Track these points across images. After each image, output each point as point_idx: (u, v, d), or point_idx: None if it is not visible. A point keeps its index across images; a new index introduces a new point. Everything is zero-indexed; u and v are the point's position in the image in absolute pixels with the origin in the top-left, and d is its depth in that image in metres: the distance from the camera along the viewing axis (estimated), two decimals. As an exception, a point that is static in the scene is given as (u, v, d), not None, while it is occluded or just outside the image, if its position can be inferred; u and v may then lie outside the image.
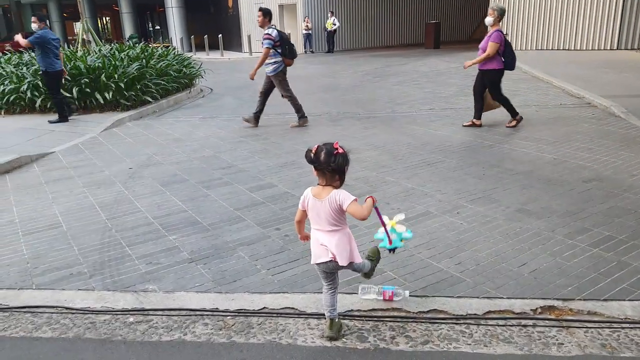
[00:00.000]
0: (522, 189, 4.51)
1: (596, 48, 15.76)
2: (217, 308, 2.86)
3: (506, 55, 6.60)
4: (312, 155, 2.34)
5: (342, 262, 2.43)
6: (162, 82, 10.25)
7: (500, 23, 6.70)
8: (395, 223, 2.78)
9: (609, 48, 15.55)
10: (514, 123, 6.82)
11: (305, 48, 23.42)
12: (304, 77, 13.92)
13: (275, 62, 7.34)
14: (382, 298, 2.85)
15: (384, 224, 2.70)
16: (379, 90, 10.84)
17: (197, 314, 2.81)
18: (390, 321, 2.70)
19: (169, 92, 10.65)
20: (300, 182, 4.95)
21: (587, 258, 3.25)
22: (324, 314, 2.69)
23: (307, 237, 2.66)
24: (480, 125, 6.95)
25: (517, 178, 4.81)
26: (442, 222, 3.89)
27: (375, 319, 2.71)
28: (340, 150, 2.32)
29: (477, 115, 7.00)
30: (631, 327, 2.55)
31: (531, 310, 2.74)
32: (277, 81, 7.47)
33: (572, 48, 16.22)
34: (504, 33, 6.70)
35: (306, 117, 7.75)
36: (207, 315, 2.80)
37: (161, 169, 5.72)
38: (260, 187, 4.92)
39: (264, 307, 2.85)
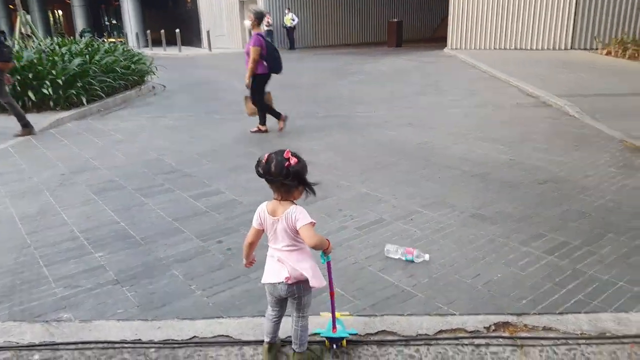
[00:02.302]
0: (477, 192, 4.36)
1: (551, 48, 16.08)
2: (139, 339, 2.52)
3: (269, 59, 6.53)
4: (263, 167, 2.03)
5: (301, 278, 2.12)
6: (108, 80, 9.67)
7: (261, 26, 6.63)
8: (339, 314, 2.54)
9: (563, 48, 15.89)
10: (263, 128, 6.92)
11: (265, 45, 22.97)
12: (262, 75, 13.54)
13: None
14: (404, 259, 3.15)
15: (332, 292, 2.37)
16: (339, 89, 10.62)
17: (115, 347, 2.47)
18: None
19: (116, 90, 10.08)
20: (249, 188, 4.64)
21: (543, 267, 3.09)
22: (262, 341, 2.42)
23: (252, 263, 2.36)
24: (266, 131, 6.90)
25: (473, 181, 4.66)
26: (395, 230, 3.68)
27: (319, 343, 2.45)
28: (293, 161, 2.02)
29: (262, 121, 6.93)
30: (587, 344, 2.39)
31: (484, 327, 2.54)
32: None
33: (529, 47, 16.50)
34: (265, 37, 6.65)
35: (30, 127, 7.21)
36: (127, 348, 2.46)
37: (97, 174, 5.28)
38: (204, 194, 4.58)
39: (193, 337, 2.53)
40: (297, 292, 2.17)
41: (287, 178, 2.02)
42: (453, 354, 2.36)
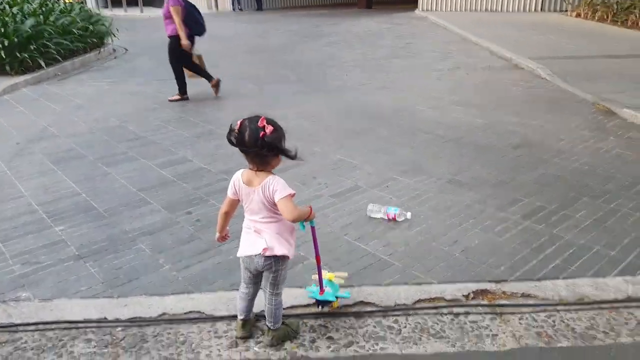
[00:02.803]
0: (452, 158, 4.30)
1: (522, 10, 16.00)
2: (105, 318, 2.38)
3: (188, 20, 6.20)
4: (236, 136, 1.85)
5: (279, 251, 2.00)
6: (65, 42, 9.08)
7: None
8: (333, 276, 2.43)
9: (533, 10, 15.84)
10: (213, 90, 6.63)
11: (233, 5, 22.10)
12: (231, 37, 13.05)
13: None
14: (387, 218, 3.20)
15: (318, 258, 2.30)
16: (310, 52, 10.31)
17: (79, 328, 2.32)
18: (312, 319, 2.36)
19: (74, 53, 9.50)
20: (218, 156, 4.45)
21: (519, 232, 3.07)
22: (235, 316, 2.32)
23: (225, 238, 2.22)
24: (187, 99, 6.58)
25: (448, 145, 4.60)
26: (371, 198, 3.58)
27: (294, 316, 2.36)
28: (269, 130, 1.84)
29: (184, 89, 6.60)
30: (566, 310, 2.38)
31: (463, 295, 2.51)
32: None
33: (499, 9, 16.37)
34: None
35: None
36: (92, 328, 2.32)
37: (56, 142, 4.97)
38: (171, 163, 4.37)
39: (163, 314, 2.41)
40: (274, 265, 2.05)
41: (263, 149, 1.85)
42: (432, 323, 2.31)
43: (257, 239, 2.01)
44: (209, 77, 6.64)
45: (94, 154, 4.60)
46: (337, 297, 2.36)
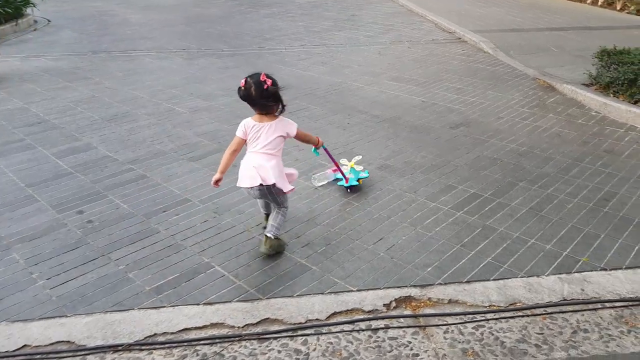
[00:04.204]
0: (386, 140, 3.99)
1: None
2: (-54, 356, 1.93)
3: None
4: (243, 92, 2.35)
5: (272, 180, 2.40)
6: (-29, 11, 8.07)
7: None
8: (353, 164, 3.22)
9: (480, -19, 15.66)
10: None
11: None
12: (169, 7, 12.13)
13: None
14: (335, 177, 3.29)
15: (336, 164, 3.06)
16: (249, 23, 9.68)
17: None
18: (206, 344, 2.00)
19: (-16, 25, 8.48)
20: (129, 142, 3.94)
21: (450, 225, 2.81)
22: (112, 347, 1.93)
23: (218, 182, 2.50)
24: None
25: (383, 126, 4.27)
26: (295, 189, 3.21)
27: (185, 344, 1.99)
28: (269, 82, 2.33)
29: None
30: (496, 319, 2.13)
31: (384, 305, 2.22)
32: None
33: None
34: None
35: None
36: None
37: (-62, 130, 4.29)
38: (72, 150, 3.83)
39: (23, 346, 1.98)
40: (274, 191, 2.47)
41: (268, 99, 2.36)
42: (346, 343, 2.00)
43: (255, 174, 2.38)
44: None
45: (-17, 143, 3.99)
46: (359, 179, 3.14)
